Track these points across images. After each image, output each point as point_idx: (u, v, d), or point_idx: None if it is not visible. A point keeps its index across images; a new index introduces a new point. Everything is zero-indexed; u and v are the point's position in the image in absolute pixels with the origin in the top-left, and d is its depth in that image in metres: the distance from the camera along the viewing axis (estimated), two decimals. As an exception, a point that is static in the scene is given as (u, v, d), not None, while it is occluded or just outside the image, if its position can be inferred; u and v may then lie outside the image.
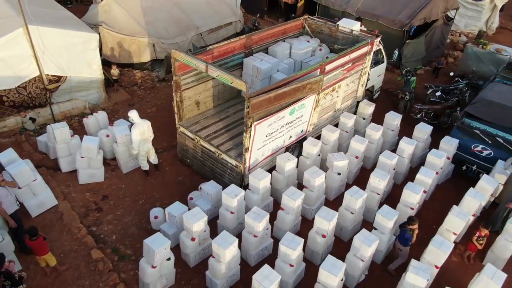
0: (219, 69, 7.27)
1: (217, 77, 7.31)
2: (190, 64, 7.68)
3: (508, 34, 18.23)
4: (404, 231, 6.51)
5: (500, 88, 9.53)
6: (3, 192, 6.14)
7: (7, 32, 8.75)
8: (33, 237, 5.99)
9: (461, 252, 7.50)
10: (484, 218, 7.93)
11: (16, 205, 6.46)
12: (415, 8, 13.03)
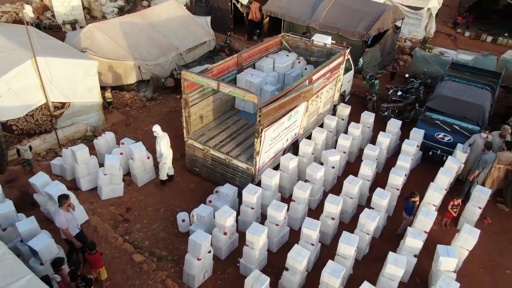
0: (230, 85, 8.41)
1: (229, 93, 8.44)
2: (201, 83, 8.74)
3: (444, 37, 20.83)
4: (408, 203, 7.99)
5: (451, 85, 11.45)
6: (70, 216, 6.80)
7: (16, 64, 9.28)
8: (92, 251, 6.72)
9: (439, 221, 9.11)
10: (451, 192, 9.62)
11: (78, 228, 7.12)
12: (370, 21, 14.89)
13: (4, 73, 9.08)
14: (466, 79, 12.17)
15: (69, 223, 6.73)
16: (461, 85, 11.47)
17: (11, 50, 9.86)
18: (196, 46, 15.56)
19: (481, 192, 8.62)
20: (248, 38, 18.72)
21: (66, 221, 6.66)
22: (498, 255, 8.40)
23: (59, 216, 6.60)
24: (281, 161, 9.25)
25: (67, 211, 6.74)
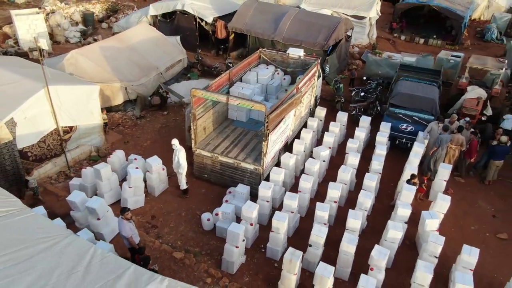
0: (239, 98, 9.75)
1: (238, 104, 9.77)
2: (211, 98, 10.01)
3: (384, 41, 23.58)
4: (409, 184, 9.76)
5: (406, 83, 13.66)
6: (132, 225, 7.70)
7: (30, 94, 9.88)
8: (141, 255, 7.72)
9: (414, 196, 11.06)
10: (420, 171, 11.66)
11: (138, 237, 8.04)
12: (328, 32, 16.90)
13: (20, 104, 9.66)
14: (416, 77, 14.50)
15: (132, 232, 7.67)
16: (414, 83, 13.73)
17: (17, 81, 10.40)
18: (173, 64, 16.61)
19: (444, 168, 10.70)
20: (215, 53, 20.01)
21: (130, 230, 7.59)
22: (463, 217, 10.48)
23: (124, 226, 7.53)
24: (282, 159, 10.72)
25: (129, 221, 7.67)
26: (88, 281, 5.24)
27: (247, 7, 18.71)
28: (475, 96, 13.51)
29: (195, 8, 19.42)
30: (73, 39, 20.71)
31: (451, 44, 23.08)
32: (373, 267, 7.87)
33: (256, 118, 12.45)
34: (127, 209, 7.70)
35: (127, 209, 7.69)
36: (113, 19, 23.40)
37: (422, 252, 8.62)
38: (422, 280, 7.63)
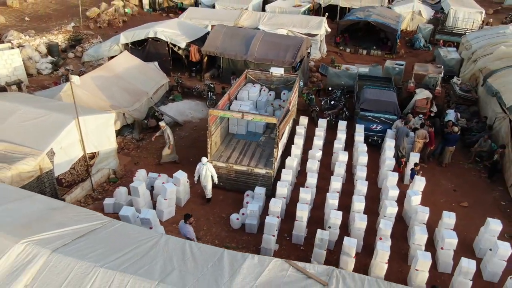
0: (253, 113, 11.56)
1: (252, 119, 11.57)
2: (228, 116, 11.74)
3: (333, 54, 26.57)
4: (413, 171, 12.04)
5: (370, 91, 16.29)
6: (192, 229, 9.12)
7: (63, 125, 10.88)
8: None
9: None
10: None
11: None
12: (294, 51, 19.26)
13: (57, 135, 10.65)
14: (374, 85, 17.27)
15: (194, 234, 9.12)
16: (377, 90, 16.42)
17: (45, 114, 11.28)
18: (158, 88, 17.92)
19: (414, 157, 13.33)
20: (189, 75, 21.52)
21: (193, 233, 9.03)
22: (432, 194, 13.06)
23: (188, 229, 9.01)
24: (286, 162, 12.65)
25: (190, 226, 9.10)
26: (200, 263, 6.74)
27: (217, 32, 20.57)
28: (424, 97, 16.53)
29: (167, 35, 20.86)
30: (45, 71, 21.06)
31: (389, 54, 26.68)
32: (381, 237, 10.04)
33: (253, 131, 14.29)
34: (190, 216, 9.16)
35: (190, 216, 9.15)
36: (79, 48, 23.90)
37: (412, 221, 10.98)
38: (419, 241, 9.95)
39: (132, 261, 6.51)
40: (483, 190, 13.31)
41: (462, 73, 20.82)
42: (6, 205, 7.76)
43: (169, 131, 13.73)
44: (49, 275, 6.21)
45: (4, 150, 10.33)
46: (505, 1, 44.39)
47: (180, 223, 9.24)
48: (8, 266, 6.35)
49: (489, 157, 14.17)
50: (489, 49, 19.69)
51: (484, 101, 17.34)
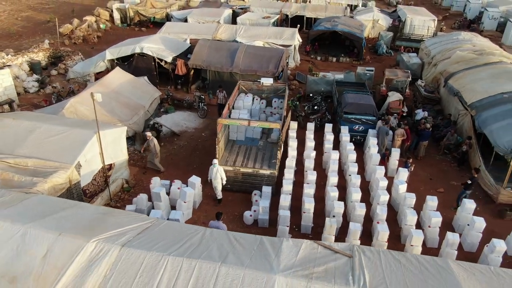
0: (258, 121, 12.92)
1: (258, 125, 12.93)
2: (236, 124, 13.03)
3: (305, 63, 28.43)
4: (407, 164, 13.74)
5: (350, 95, 18.08)
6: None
7: (85, 140, 11.75)
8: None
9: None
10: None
11: None
12: (276, 61, 20.81)
13: (82, 149, 11.51)
14: (352, 90, 19.14)
15: None
16: (356, 94, 18.26)
17: (66, 130, 12.09)
18: (152, 101, 18.87)
19: (395, 151, 15.20)
20: (175, 88, 22.53)
21: (226, 228, 10.24)
22: (413, 182, 14.90)
23: (222, 226, 10.21)
24: (287, 163, 14.09)
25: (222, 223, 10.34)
26: (247, 247, 7.98)
27: (202, 46, 21.79)
28: (397, 99, 18.58)
29: (154, 50, 21.82)
30: (32, 89, 21.38)
31: (356, 60, 28.91)
32: (379, 221, 11.69)
33: (251, 137, 15.62)
34: (221, 213, 10.43)
35: (221, 213, 10.42)
36: (61, 65, 24.26)
37: (401, 206, 12.73)
38: (411, 222, 11.68)
39: (192, 249, 7.66)
40: (455, 177, 15.36)
41: (424, 76, 23.21)
42: (60, 212, 8.65)
43: (155, 142, 14.76)
44: (124, 265, 7.25)
45: (33, 165, 11.08)
46: (452, 8, 48.63)
47: (211, 222, 10.44)
48: (85, 261, 7.32)
49: (456, 148, 16.31)
50: (447, 54, 22.20)
51: (446, 100, 19.67)
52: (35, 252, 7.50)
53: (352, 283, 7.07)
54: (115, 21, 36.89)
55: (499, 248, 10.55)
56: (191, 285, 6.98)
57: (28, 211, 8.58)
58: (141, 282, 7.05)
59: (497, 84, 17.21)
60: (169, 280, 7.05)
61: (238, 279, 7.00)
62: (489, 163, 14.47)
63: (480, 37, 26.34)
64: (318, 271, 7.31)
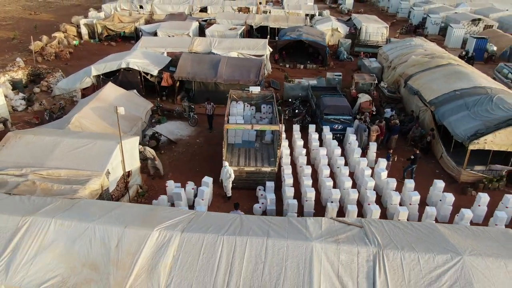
0: (260, 124, 14.73)
1: (260, 128, 14.73)
2: (240, 128, 14.73)
3: (276, 70, 30.59)
4: (389, 155, 15.95)
5: (328, 98, 20.31)
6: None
7: (112, 149, 13.02)
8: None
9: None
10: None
11: None
12: (256, 71, 22.76)
13: (109, 157, 12.77)
14: (329, 93, 21.48)
15: None
16: (332, 97, 20.58)
17: (90, 142, 13.28)
18: (146, 113, 20.13)
19: (372, 145, 17.60)
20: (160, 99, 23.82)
21: None
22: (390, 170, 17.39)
23: (242, 214, 11.78)
24: (283, 160, 16.00)
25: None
26: (280, 225, 9.75)
27: (186, 60, 23.30)
28: (367, 99, 21.13)
29: (139, 64, 23.03)
30: (20, 107, 21.84)
31: (322, 67, 31.54)
32: (369, 202, 13.88)
33: (247, 139, 17.39)
34: (239, 204, 12.11)
35: (239, 204, 12.11)
36: (44, 83, 24.71)
37: (384, 190, 15.03)
38: (395, 201, 13.97)
39: (238, 230, 9.33)
40: (422, 164, 17.97)
41: (385, 78, 26.11)
42: (113, 211, 9.98)
43: (148, 149, 16.35)
44: (188, 246, 8.79)
45: (66, 175, 12.22)
46: (398, 14, 53.17)
47: (231, 212, 12.07)
48: (153, 246, 8.78)
49: (421, 139, 19.01)
50: (403, 58, 25.23)
51: (407, 99, 22.53)
52: (107, 243, 8.83)
53: (369, 243, 9.06)
54: (83, 36, 37.29)
55: (467, 216, 13.08)
56: (246, 256, 8.66)
57: (85, 212, 9.84)
58: (205, 258, 8.63)
59: (449, 83, 20.18)
60: (227, 254, 8.69)
61: (283, 248, 8.77)
62: (449, 150, 17.21)
63: (429, 42, 29.84)
64: (341, 238, 9.24)
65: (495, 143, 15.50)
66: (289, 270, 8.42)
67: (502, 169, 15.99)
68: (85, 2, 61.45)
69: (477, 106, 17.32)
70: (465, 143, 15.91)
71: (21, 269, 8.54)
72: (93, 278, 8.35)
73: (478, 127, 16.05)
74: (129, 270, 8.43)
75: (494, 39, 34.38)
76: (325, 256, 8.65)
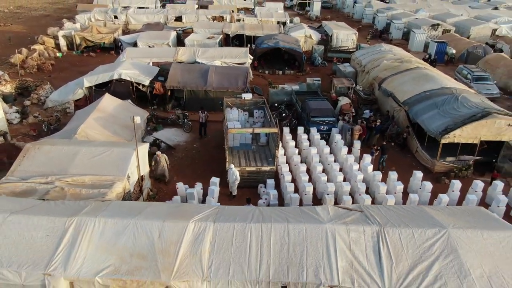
0: (259, 128, 16.29)
1: (260, 132, 16.28)
2: (242, 132, 16.22)
3: (257, 77, 32.24)
4: (372, 152, 17.81)
5: (312, 102, 22.16)
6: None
7: (129, 156, 14.18)
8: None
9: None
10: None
11: None
12: (243, 78, 24.33)
13: (128, 163, 13.94)
14: (312, 97, 23.34)
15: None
16: (316, 101, 22.43)
17: (107, 150, 14.37)
18: (143, 121, 21.23)
19: (356, 142, 19.57)
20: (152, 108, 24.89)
21: None
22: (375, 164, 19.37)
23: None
24: (280, 159, 17.62)
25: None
26: (294, 213, 11.34)
27: (176, 69, 24.55)
28: (347, 102, 23.16)
29: (131, 75, 24.05)
30: (15, 120, 22.32)
31: (299, 72, 33.50)
32: (360, 193, 15.74)
33: (244, 142, 18.90)
34: (250, 199, 13.59)
35: (250, 199, 13.59)
36: (34, 95, 25.17)
37: (371, 182, 16.94)
38: (383, 191, 15.88)
39: (260, 218, 10.84)
40: (400, 158, 20.13)
41: (360, 82, 28.36)
42: (145, 210, 11.22)
43: (166, 156, 17.37)
44: (221, 234, 10.20)
45: (90, 181, 13.29)
46: (363, 20, 56.30)
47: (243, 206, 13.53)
48: (191, 235, 10.13)
49: (398, 136, 21.18)
50: (375, 63, 27.57)
51: (381, 100, 24.78)
52: (150, 235, 10.08)
53: (372, 223, 10.80)
54: (61, 48, 37.54)
55: (444, 200, 15.19)
56: (272, 239, 10.16)
57: (121, 211, 11.04)
58: (237, 243, 10.07)
59: (419, 85, 22.54)
60: (256, 238, 10.16)
61: (302, 231, 10.34)
62: (424, 145, 19.44)
63: (396, 47, 32.48)
64: (348, 220, 10.93)
65: (463, 136, 17.81)
66: (310, 248, 10.01)
67: (469, 159, 18.32)
68: (53, 13, 61.01)
69: (445, 105, 19.66)
70: (437, 137, 18.12)
71: (76, 262, 9.65)
72: (143, 266, 9.60)
73: (447, 123, 18.33)
74: (174, 257, 9.74)
75: (453, 43, 37.65)
76: (338, 235, 10.31)
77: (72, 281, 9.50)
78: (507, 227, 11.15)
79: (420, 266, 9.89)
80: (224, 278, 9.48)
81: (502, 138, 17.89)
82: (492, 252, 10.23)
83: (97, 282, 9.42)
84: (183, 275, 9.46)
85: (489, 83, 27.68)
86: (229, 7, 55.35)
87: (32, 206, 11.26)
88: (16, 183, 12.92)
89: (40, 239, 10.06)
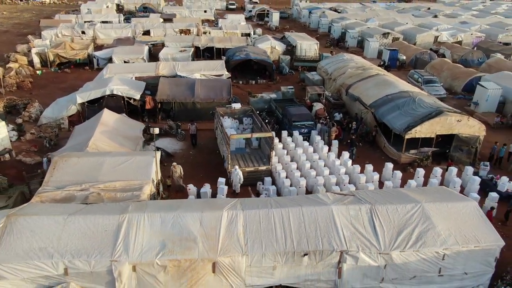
0: (257, 133, 18.85)
1: (258, 135, 18.83)
2: (242, 137, 18.69)
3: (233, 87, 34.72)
4: (352, 148, 20.78)
5: (292, 108, 25.01)
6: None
7: (150, 162, 16.20)
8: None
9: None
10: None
11: None
12: (227, 89, 26.79)
13: (150, 169, 15.98)
14: (291, 104, 26.24)
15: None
16: (295, 107, 25.33)
17: (129, 159, 16.31)
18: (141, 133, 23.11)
19: (334, 142, 22.64)
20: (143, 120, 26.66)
21: None
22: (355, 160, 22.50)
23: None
24: (273, 159, 20.26)
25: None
26: (303, 200, 14.00)
27: (164, 84, 26.58)
28: (321, 107, 26.29)
29: (122, 90, 25.76)
30: (13, 138, 23.31)
31: (270, 81, 36.40)
32: (345, 183, 18.71)
33: (238, 146, 21.36)
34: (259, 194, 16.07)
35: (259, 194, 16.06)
36: (25, 113, 26.12)
37: (353, 174, 20.00)
38: (362, 180, 18.95)
39: (279, 205, 13.40)
40: (371, 153, 23.45)
41: (327, 88, 31.69)
42: (181, 205, 13.41)
43: (181, 167, 19.37)
44: (250, 218, 12.64)
45: (120, 185, 15.22)
46: (319, 30, 60.46)
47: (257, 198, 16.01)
48: (227, 221, 12.48)
49: (367, 135, 24.52)
50: (341, 71, 31.06)
51: (349, 104, 28.19)
52: (193, 223, 12.32)
53: (364, 203, 13.70)
54: (35, 65, 38.03)
55: (413, 184, 18.54)
56: (291, 220, 12.74)
57: (161, 207, 13.18)
58: (264, 223, 12.56)
59: (381, 89, 26.11)
60: (279, 220, 12.70)
61: (314, 212, 13.02)
62: (390, 141, 22.88)
63: (356, 56, 36.30)
64: (346, 202, 13.76)
65: (422, 132, 21.38)
66: (321, 224, 12.72)
67: (428, 150, 21.95)
68: (12, 28, 60.19)
69: (405, 106, 23.26)
70: (402, 134, 21.57)
71: (136, 249, 11.68)
72: (191, 246, 11.83)
73: (409, 121, 21.85)
74: (216, 239, 12.05)
75: (403, 49, 42.27)
76: (341, 213, 13.10)
77: (135, 264, 11.55)
78: (464, 199, 14.53)
79: (405, 231, 12.90)
80: (259, 251, 11.95)
81: (453, 132, 21.63)
82: (455, 217, 13.45)
83: (157, 263, 11.54)
84: (226, 252, 11.82)
85: (437, 85, 32.02)
86: (192, 20, 57.44)
87: (80, 209, 13.09)
88: (54, 191, 14.58)
89: (100, 233, 12.00)
